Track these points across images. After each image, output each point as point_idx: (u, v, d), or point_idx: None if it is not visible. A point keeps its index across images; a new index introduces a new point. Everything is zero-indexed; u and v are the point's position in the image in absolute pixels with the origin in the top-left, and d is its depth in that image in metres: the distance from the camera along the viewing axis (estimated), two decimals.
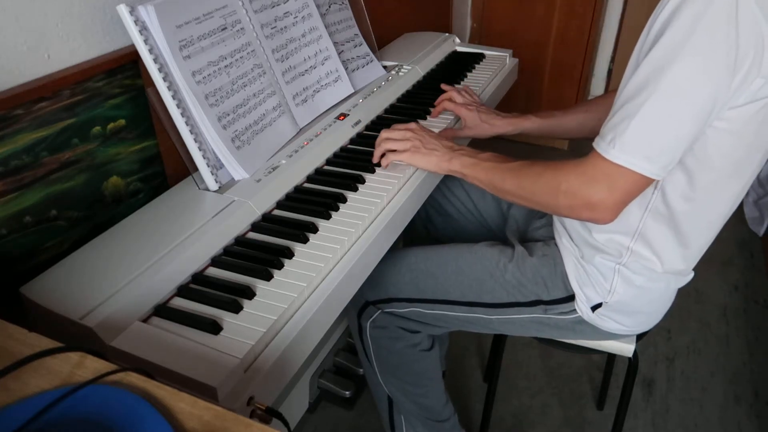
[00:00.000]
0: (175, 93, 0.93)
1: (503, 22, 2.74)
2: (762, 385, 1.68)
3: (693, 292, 2.02)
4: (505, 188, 0.96)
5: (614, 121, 0.81)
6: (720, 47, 0.74)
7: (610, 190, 0.82)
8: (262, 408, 0.67)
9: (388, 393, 1.28)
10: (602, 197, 0.82)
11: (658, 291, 1.01)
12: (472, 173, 1.00)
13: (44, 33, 0.85)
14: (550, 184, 0.88)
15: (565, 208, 0.87)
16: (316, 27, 1.25)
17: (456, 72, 1.54)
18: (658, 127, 0.78)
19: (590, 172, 0.83)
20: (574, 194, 0.84)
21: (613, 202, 0.82)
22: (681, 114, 0.77)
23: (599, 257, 0.99)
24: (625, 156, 0.80)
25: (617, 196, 0.82)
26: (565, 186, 0.85)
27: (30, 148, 0.81)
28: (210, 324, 0.73)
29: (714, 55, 0.74)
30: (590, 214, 0.85)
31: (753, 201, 2.22)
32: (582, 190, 0.84)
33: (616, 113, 0.82)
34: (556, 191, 0.87)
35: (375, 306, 1.18)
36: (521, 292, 1.06)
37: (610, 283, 0.99)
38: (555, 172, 0.88)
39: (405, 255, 1.16)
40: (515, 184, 0.94)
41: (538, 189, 0.90)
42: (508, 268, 1.07)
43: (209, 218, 0.90)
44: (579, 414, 1.60)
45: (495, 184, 0.97)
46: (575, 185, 0.84)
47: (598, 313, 1.02)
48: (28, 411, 0.52)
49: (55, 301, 0.74)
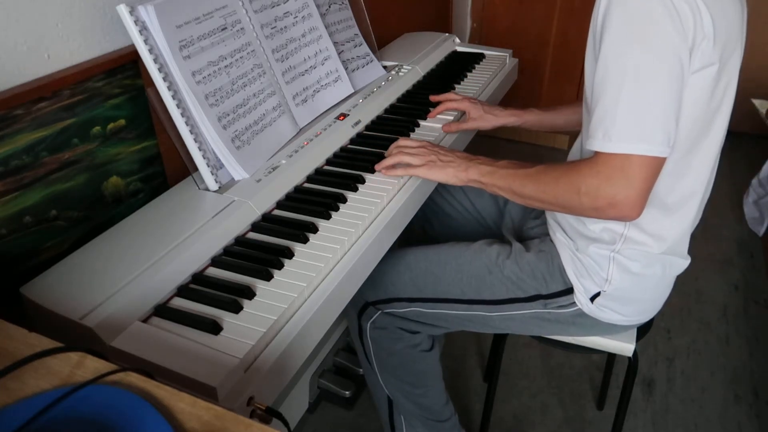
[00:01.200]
0: (175, 93, 0.93)
1: (503, 22, 2.74)
2: (762, 385, 1.68)
3: (693, 292, 2.02)
4: (525, 193, 0.95)
5: (597, 117, 0.83)
6: (663, 16, 0.78)
7: (628, 182, 0.82)
8: (262, 408, 0.67)
9: (388, 394, 1.28)
10: (626, 194, 0.82)
11: (654, 277, 1.01)
12: (491, 181, 0.99)
13: (44, 33, 0.85)
14: (570, 186, 0.88)
15: (589, 209, 0.87)
16: (316, 27, 1.25)
17: (456, 72, 1.54)
18: (641, 110, 0.80)
19: (603, 170, 0.83)
20: (596, 195, 0.84)
21: (636, 195, 0.82)
22: (656, 91, 0.80)
23: (593, 247, 0.99)
24: (624, 144, 0.81)
25: (637, 186, 0.82)
26: (584, 188, 0.85)
27: (30, 148, 0.81)
28: (210, 324, 0.73)
29: (661, 24, 0.79)
30: (616, 213, 0.84)
31: (753, 201, 2.22)
32: (601, 189, 0.84)
33: (595, 111, 0.84)
34: (577, 193, 0.86)
35: (375, 307, 1.18)
36: (520, 288, 1.06)
37: (606, 271, 1.00)
38: (572, 175, 0.88)
39: (404, 255, 1.16)
40: (536, 188, 0.93)
41: (560, 193, 0.90)
42: (506, 264, 1.07)
43: (209, 218, 0.90)
44: (579, 414, 1.60)
45: (515, 190, 0.96)
46: (593, 185, 0.84)
47: (596, 303, 1.03)
48: (28, 411, 0.52)
49: (55, 301, 0.74)
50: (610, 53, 0.82)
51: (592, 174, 0.84)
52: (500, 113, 1.28)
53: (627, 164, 0.81)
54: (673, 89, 0.81)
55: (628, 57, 0.80)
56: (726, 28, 0.83)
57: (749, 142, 2.88)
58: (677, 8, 0.78)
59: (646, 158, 0.81)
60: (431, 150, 1.06)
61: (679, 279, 1.08)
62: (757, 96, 2.47)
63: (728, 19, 0.83)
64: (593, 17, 0.88)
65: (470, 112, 1.27)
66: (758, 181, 2.12)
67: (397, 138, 1.19)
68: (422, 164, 1.04)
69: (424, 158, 1.05)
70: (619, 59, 0.81)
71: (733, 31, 0.85)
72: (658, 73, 0.80)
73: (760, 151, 2.48)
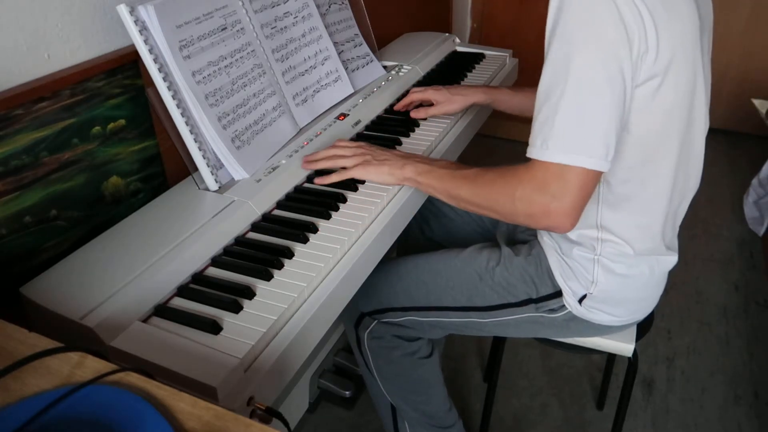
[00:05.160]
0: (175, 93, 0.93)
1: (503, 22, 2.74)
2: (762, 385, 1.68)
3: (693, 292, 2.02)
4: (461, 196, 0.93)
5: (538, 124, 0.82)
6: (607, 26, 0.77)
7: (563, 191, 0.80)
8: (262, 408, 0.67)
9: (391, 402, 1.28)
10: (560, 203, 0.81)
11: (641, 277, 1.00)
12: (426, 180, 0.97)
13: (44, 33, 0.85)
14: (505, 191, 0.86)
15: (523, 216, 0.86)
16: (316, 27, 1.25)
17: (456, 72, 1.54)
18: (580, 119, 0.79)
19: (540, 176, 0.82)
20: (530, 201, 0.83)
21: (570, 205, 0.81)
22: (597, 101, 0.79)
23: (577, 250, 0.99)
24: (561, 154, 0.80)
25: (573, 196, 0.81)
26: (519, 192, 0.84)
27: (30, 148, 0.81)
28: (210, 324, 0.73)
29: (605, 35, 0.77)
30: (549, 222, 0.83)
31: (753, 201, 2.22)
32: (535, 195, 0.82)
33: (537, 117, 0.83)
34: (512, 198, 0.85)
35: (371, 317, 1.19)
36: (511, 293, 1.06)
37: (591, 274, 1.00)
38: (509, 179, 0.86)
39: (396, 265, 1.17)
40: (471, 191, 0.92)
41: (494, 196, 0.88)
42: (497, 270, 1.07)
43: (209, 218, 0.90)
44: (579, 414, 1.60)
45: (450, 192, 0.95)
46: (528, 191, 0.83)
47: (585, 305, 1.02)
48: (28, 411, 0.52)
49: (55, 301, 0.74)
50: (554, 59, 0.81)
51: (528, 179, 0.83)
52: (468, 92, 1.26)
53: (564, 173, 0.80)
54: (615, 101, 0.79)
55: (571, 65, 0.79)
56: (671, 40, 0.81)
57: (749, 142, 2.88)
58: (623, 19, 0.77)
59: (583, 170, 0.80)
60: (367, 150, 1.04)
61: (679, 279, 1.08)
62: (757, 96, 2.47)
63: (674, 30, 0.81)
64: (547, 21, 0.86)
65: (437, 98, 1.25)
66: (758, 181, 2.12)
67: (397, 138, 1.20)
68: (356, 164, 1.02)
69: (358, 158, 1.03)
70: (562, 66, 0.79)
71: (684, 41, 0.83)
72: (600, 83, 0.78)
73: (760, 151, 2.48)
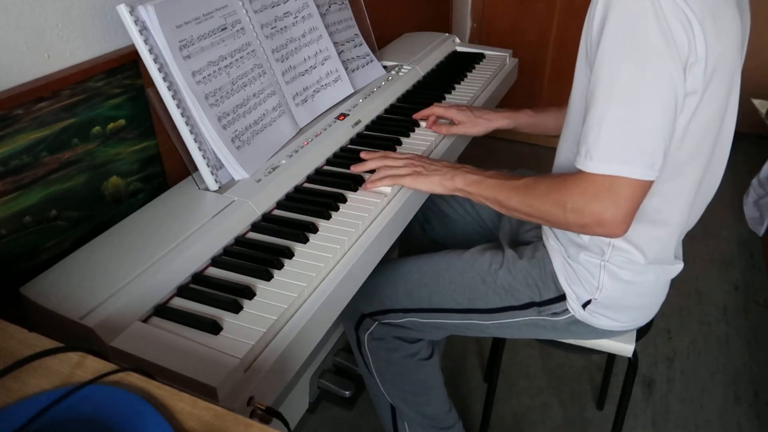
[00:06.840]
0: (175, 93, 0.93)
1: (503, 22, 2.74)
2: (762, 385, 1.68)
3: (693, 292, 2.02)
4: (511, 206, 0.94)
5: (583, 132, 0.82)
6: (657, 38, 0.76)
7: (615, 202, 0.81)
8: (262, 408, 0.67)
9: (391, 403, 1.28)
10: (612, 213, 0.81)
11: (647, 284, 1.01)
12: (477, 191, 0.98)
13: (44, 33, 0.85)
14: (556, 203, 0.87)
15: (576, 226, 0.86)
16: (316, 27, 1.24)
17: (456, 72, 1.54)
18: (627, 130, 0.79)
19: (590, 188, 0.82)
20: (582, 212, 0.83)
21: (622, 214, 0.81)
22: (646, 109, 0.78)
23: (584, 254, 0.99)
24: (606, 165, 0.80)
25: (624, 206, 0.81)
26: (570, 204, 0.85)
27: (30, 148, 0.81)
28: (210, 324, 0.73)
29: (655, 47, 0.76)
30: (603, 230, 0.84)
31: (753, 201, 2.22)
32: (587, 207, 0.83)
33: (584, 124, 0.83)
34: (563, 210, 0.86)
35: (371, 318, 1.18)
36: (513, 296, 1.06)
37: (597, 279, 0.99)
38: (559, 191, 0.87)
39: (398, 266, 1.16)
40: (522, 202, 0.93)
41: (546, 208, 0.89)
42: (499, 273, 1.07)
43: (209, 218, 0.90)
44: (579, 414, 1.60)
45: (501, 202, 0.96)
46: (580, 203, 0.83)
47: (589, 310, 1.02)
48: (28, 411, 0.52)
49: (55, 301, 0.74)
50: (603, 65, 0.80)
51: (578, 192, 0.83)
52: (492, 116, 1.25)
53: (614, 184, 0.80)
54: (666, 111, 0.79)
55: (620, 73, 0.78)
56: (715, 56, 0.80)
57: (749, 142, 2.87)
58: (671, 28, 0.76)
59: (631, 180, 0.80)
60: (418, 162, 1.05)
61: (679, 279, 1.07)
62: (757, 96, 2.47)
63: (718, 47, 0.80)
64: (586, 25, 0.86)
65: (460, 119, 1.24)
66: (758, 181, 2.12)
67: (398, 138, 1.20)
68: (408, 174, 1.03)
69: (409, 169, 1.03)
70: (610, 74, 0.79)
71: (725, 61, 0.83)
72: (650, 93, 0.78)
73: (760, 151, 2.48)
